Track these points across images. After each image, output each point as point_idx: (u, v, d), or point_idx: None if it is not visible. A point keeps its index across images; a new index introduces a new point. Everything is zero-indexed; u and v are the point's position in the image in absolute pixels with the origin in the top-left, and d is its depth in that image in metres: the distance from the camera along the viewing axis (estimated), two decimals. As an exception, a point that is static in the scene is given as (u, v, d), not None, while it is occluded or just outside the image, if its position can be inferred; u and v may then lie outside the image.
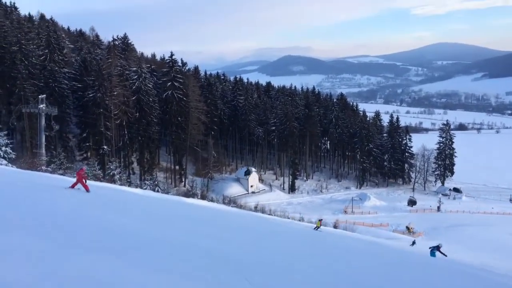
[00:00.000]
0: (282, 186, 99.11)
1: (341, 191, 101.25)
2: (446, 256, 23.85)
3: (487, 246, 54.57)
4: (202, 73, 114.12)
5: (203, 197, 50.26)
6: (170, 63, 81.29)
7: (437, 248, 24.24)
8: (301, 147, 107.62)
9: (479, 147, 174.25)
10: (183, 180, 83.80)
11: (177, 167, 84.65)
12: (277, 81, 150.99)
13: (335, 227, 58.65)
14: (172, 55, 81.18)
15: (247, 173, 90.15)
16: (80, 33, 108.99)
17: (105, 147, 65.54)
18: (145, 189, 37.88)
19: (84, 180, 17.09)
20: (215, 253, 10.24)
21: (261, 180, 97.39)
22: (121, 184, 35.11)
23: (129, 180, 58.75)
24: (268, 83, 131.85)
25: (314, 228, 41.39)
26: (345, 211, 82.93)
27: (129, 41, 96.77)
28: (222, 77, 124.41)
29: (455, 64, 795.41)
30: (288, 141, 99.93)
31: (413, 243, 49.54)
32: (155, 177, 51.77)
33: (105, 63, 68.23)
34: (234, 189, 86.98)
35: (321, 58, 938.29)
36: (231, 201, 63.01)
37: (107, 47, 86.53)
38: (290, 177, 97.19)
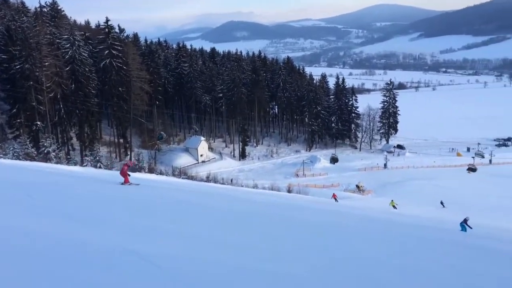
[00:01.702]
0: (232, 153, 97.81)
1: (292, 154, 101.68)
2: (471, 228, 23.54)
3: (433, 199, 56.73)
4: (142, 41, 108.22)
5: (150, 170, 47.79)
6: (106, 29, 75.48)
7: (465, 221, 23.95)
8: (249, 113, 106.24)
9: (418, 104, 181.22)
10: (129, 153, 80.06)
11: (121, 140, 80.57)
12: (221, 48, 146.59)
13: (288, 191, 58.46)
14: (107, 20, 75.24)
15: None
16: (4, 1, 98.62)
17: (39, 123, 60.38)
18: (85, 165, 34.89)
19: (127, 173, 18.36)
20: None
21: (210, 148, 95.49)
22: (57, 162, 31.95)
23: (68, 157, 54.74)
24: (213, 49, 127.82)
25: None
26: (297, 174, 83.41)
27: (59, 7, 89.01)
28: (164, 44, 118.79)
29: (393, 25, 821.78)
30: (236, 107, 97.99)
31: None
32: (96, 152, 48.42)
33: (33, 32, 61.89)
34: (183, 160, 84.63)
35: (264, 23, 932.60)
36: (181, 173, 60.81)
37: (34, 14, 78.96)
38: (240, 144, 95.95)
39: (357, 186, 68.94)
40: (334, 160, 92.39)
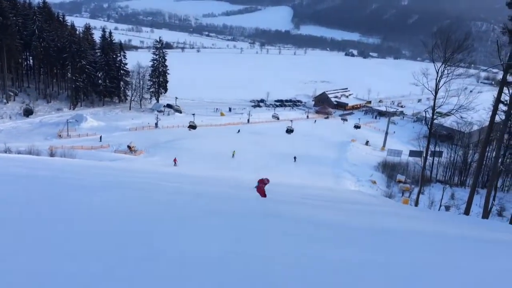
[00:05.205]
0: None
1: (53, 113, 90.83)
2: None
3: (205, 156, 60.29)
4: None
5: None
6: None
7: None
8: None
9: (185, 65, 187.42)
10: None
11: None
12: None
13: (51, 154, 52.13)
14: None
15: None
16: None
17: None
18: None
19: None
20: None
21: None
22: None
23: None
24: None
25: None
26: (60, 135, 75.22)
27: None
28: None
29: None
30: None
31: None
32: None
33: None
34: None
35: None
36: None
37: None
38: (-15, 100, 79.89)
39: (129, 147, 67.04)
40: (27, 112, 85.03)
